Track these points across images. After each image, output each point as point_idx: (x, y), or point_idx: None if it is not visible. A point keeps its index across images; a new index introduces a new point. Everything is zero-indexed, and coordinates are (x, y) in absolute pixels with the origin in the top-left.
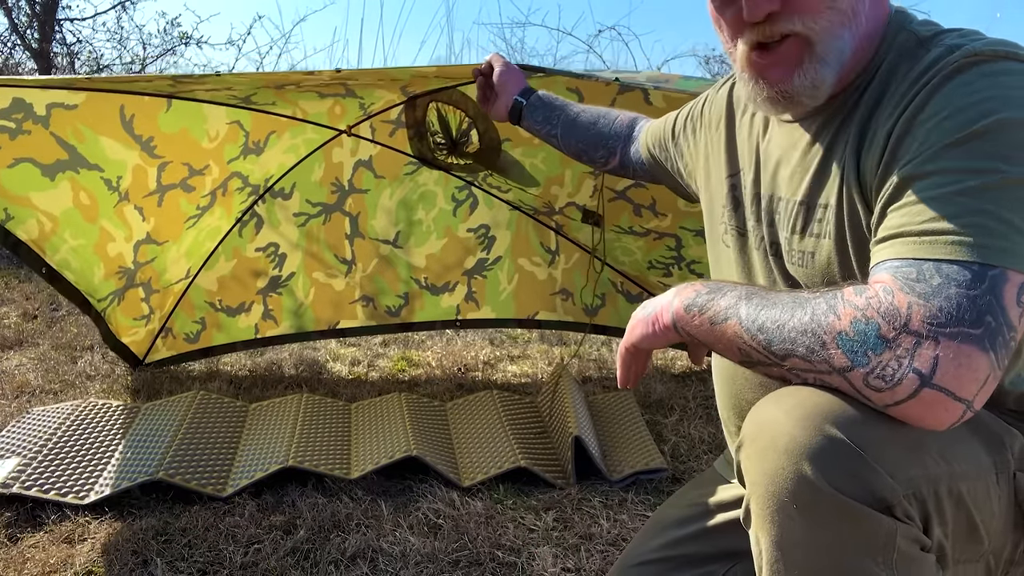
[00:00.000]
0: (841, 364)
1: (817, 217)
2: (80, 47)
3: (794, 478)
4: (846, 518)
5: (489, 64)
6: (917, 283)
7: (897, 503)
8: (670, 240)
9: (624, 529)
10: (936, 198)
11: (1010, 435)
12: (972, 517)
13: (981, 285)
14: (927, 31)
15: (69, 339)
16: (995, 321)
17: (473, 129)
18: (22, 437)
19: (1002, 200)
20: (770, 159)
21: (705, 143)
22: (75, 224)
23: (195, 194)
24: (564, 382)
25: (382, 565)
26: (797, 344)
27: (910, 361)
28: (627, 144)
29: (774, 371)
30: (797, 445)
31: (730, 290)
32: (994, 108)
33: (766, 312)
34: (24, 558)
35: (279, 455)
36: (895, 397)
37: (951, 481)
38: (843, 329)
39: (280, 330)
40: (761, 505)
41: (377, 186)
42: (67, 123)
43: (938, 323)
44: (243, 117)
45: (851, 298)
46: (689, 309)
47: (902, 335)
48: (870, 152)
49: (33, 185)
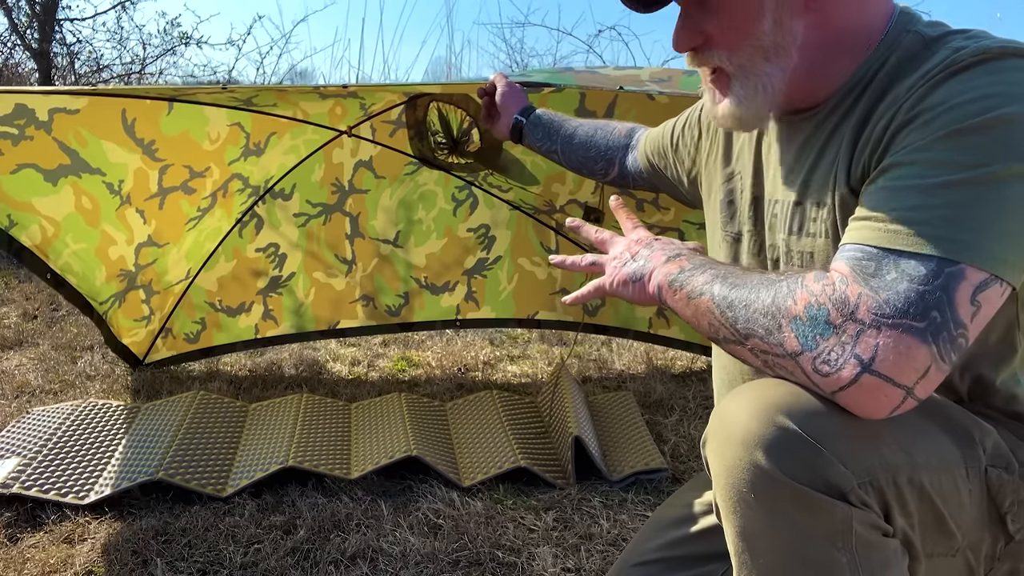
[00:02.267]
0: (793, 348)
1: (811, 216)
2: (80, 47)
3: (750, 468)
4: (802, 506)
5: (492, 84)
6: (872, 277)
7: (851, 490)
8: (673, 234)
9: (624, 529)
10: (915, 187)
11: (981, 430)
12: (938, 508)
13: (935, 281)
14: (934, 32)
15: (69, 339)
16: (941, 317)
17: (474, 128)
18: (22, 437)
19: (982, 196)
20: (768, 161)
21: (707, 148)
22: (77, 228)
23: (196, 196)
24: (564, 382)
25: (382, 565)
26: (758, 325)
27: (852, 347)
28: (625, 154)
29: (739, 350)
30: (752, 436)
31: (710, 267)
32: (997, 104)
33: (736, 291)
34: (24, 558)
35: (279, 455)
36: (839, 383)
37: (912, 471)
38: (798, 314)
39: (280, 330)
40: (723, 497)
41: (377, 186)
42: (69, 128)
43: (883, 314)
44: (244, 119)
45: (810, 284)
46: (672, 284)
47: (848, 323)
48: (866, 149)
49: (36, 191)
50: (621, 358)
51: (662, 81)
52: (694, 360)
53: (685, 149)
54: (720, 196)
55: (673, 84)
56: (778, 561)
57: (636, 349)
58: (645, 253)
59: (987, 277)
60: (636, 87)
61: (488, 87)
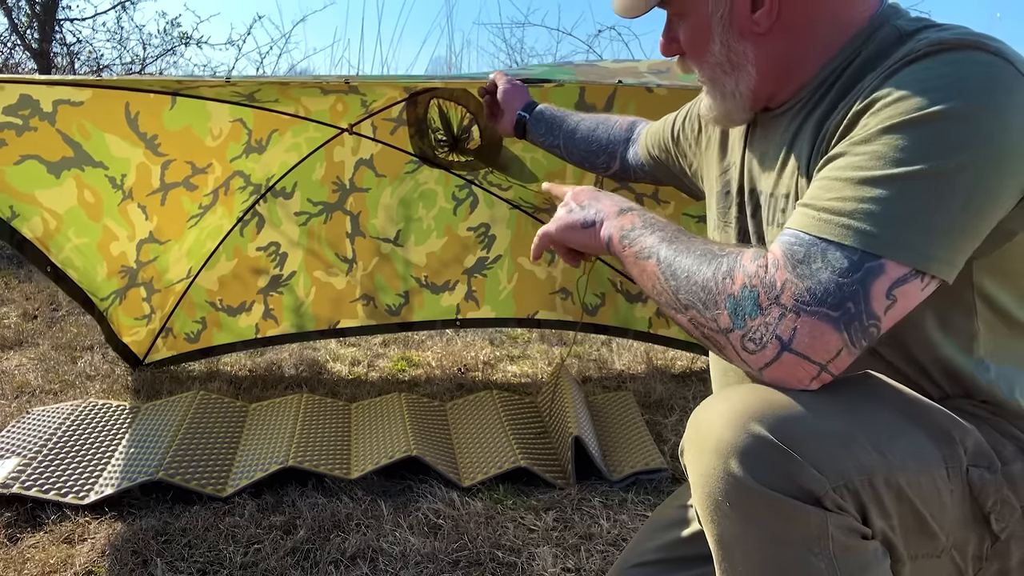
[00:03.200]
0: (725, 324)
1: (780, 207)
2: (80, 47)
3: (724, 477)
4: (776, 512)
5: (493, 82)
6: (800, 264)
7: (825, 494)
8: None
9: (624, 529)
10: (850, 178)
11: (960, 429)
12: (918, 509)
13: (854, 274)
14: (912, 26)
15: (69, 339)
16: (855, 308)
17: (474, 125)
18: (22, 437)
19: (914, 191)
20: (753, 153)
21: (705, 142)
22: (79, 222)
23: (197, 193)
24: (564, 382)
25: (382, 565)
26: (696, 298)
27: (775, 329)
28: (626, 148)
29: (679, 318)
30: (725, 444)
31: (659, 229)
32: (938, 98)
33: (680, 259)
34: (24, 558)
35: (279, 455)
36: (763, 360)
37: (888, 472)
38: (732, 292)
39: (280, 329)
40: (701, 506)
41: (378, 184)
42: (73, 120)
43: (803, 301)
44: (246, 115)
45: (747, 263)
46: (622, 240)
47: (773, 306)
48: (825, 138)
49: (39, 182)
50: (621, 358)
51: (660, 73)
52: (694, 360)
53: (686, 142)
54: (717, 188)
55: (671, 75)
56: (755, 568)
57: (636, 349)
58: (594, 203)
59: (907, 272)
60: (635, 80)
61: (489, 85)
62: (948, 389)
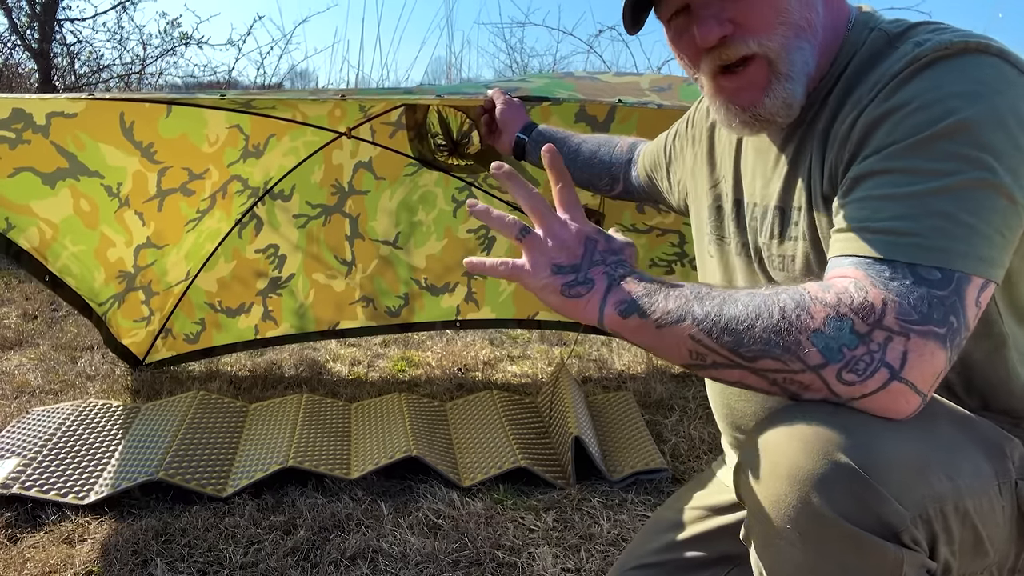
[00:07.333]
0: (816, 362)
1: (793, 220)
2: (80, 47)
3: (797, 505)
4: (851, 547)
5: (491, 100)
6: (891, 281)
7: (904, 529)
8: (673, 236)
9: (624, 529)
10: (899, 196)
11: (1010, 443)
12: (978, 531)
13: (948, 287)
14: (897, 28)
15: (69, 339)
16: (957, 322)
17: (474, 130)
18: (22, 437)
19: (962, 202)
20: (747, 166)
21: (692, 158)
22: (75, 230)
23: (195, 198)
24: (564, 382)
25: (382, 565)
26: (771, 344)
27: (882, 355)
28: (628, 169)
29: (732, 373)
30: (800, 471)
31: (671, 290)
32: (959, 106)
33: (726, 311)
34: (24, 558)
35: (279, 455)
36: (865, 390)
37: (957, 498)
38: (817, 327)
39: (280, 331)
40: (760, 532)
41: (377, 187)
42: (67, 131)
43: (911, 320)
44: (243, 121)
45: (819, 295)
46: (626, 314)
47: (876, 330)
48: (833, 148)
49: (34, 194)
50: (621, 358)
51: (662, 90)
52: None
53: (675, 161)
54: (708, 201)
55: (673, 93)
56: None
57: (636, 349)
58: (584, 266)
59: (984, 281)
60: (635, 99)
61: (486, 103)
62: (984, 401)
